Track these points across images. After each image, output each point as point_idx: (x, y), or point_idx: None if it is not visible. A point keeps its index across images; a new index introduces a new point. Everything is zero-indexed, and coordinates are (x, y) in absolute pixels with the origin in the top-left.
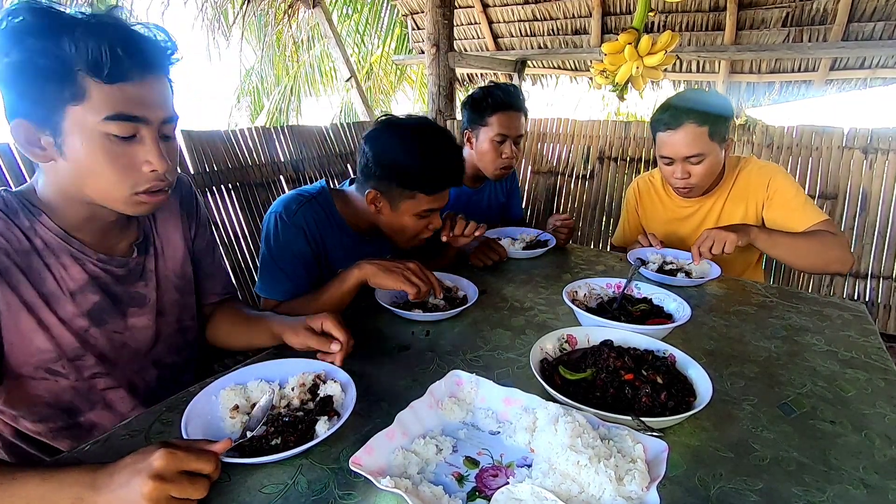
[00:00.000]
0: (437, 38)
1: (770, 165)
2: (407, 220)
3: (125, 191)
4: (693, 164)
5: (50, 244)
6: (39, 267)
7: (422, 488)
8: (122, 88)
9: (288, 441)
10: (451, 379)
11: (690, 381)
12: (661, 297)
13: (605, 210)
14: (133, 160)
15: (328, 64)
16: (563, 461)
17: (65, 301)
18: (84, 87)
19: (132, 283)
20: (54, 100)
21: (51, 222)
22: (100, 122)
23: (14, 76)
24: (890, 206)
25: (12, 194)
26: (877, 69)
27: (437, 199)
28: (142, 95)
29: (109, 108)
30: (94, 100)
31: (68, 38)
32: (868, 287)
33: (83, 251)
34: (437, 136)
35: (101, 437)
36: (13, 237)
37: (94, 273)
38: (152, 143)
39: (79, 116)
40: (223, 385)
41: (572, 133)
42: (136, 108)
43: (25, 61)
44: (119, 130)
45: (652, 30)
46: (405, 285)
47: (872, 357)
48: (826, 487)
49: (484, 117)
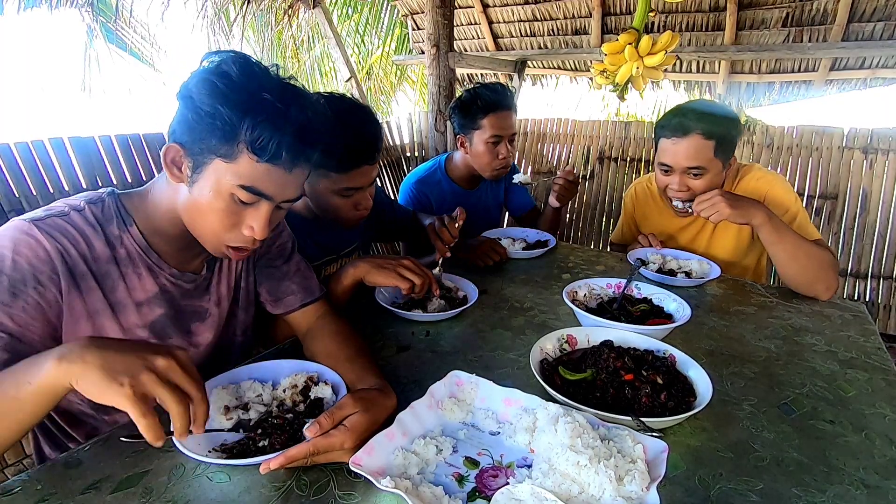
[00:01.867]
0: (437, 38)
1: (771, 175)
2: (329, 199)
3: (219, 240)
4: (692, 178)
5: (131, 254)
6: (115, 275)
7: (422, 489)
8: (269, 169)
9: (275, 444)
10: (451, 379)
11: (690, 381)
12: (661, 298)
13: (605, 210)
14: (240, 221)
15: (328, 64)
16: (563, 461)
17: (130, 310)
18: (238, 154)
19: (198, 297)
20: (210, 148)
21: (138, 233)
22: (234, 185)
23: (190, 114)
24: (890, 206)
25: (116, 198)
26: (877, 69)
27: (354, 178)
28: (281, 180)
29: (248, 179)
30: (240, 167)
31: (249, 121)
32: (868, 287)
33: (159, 264)
34: (345, 112)
35: (102, 436)
36: (98, 245)
37: (164, 286)
38: (264, 215)
39: (220, 170)
40: (216, 384)
41: (572, 133)
42: (270, 188)
43: (205, 113)
44: (245, 198)
45: (652, 30)
46: (398, 281)
47: (872, 357)
48: (826, 487)
49: (476, 120)
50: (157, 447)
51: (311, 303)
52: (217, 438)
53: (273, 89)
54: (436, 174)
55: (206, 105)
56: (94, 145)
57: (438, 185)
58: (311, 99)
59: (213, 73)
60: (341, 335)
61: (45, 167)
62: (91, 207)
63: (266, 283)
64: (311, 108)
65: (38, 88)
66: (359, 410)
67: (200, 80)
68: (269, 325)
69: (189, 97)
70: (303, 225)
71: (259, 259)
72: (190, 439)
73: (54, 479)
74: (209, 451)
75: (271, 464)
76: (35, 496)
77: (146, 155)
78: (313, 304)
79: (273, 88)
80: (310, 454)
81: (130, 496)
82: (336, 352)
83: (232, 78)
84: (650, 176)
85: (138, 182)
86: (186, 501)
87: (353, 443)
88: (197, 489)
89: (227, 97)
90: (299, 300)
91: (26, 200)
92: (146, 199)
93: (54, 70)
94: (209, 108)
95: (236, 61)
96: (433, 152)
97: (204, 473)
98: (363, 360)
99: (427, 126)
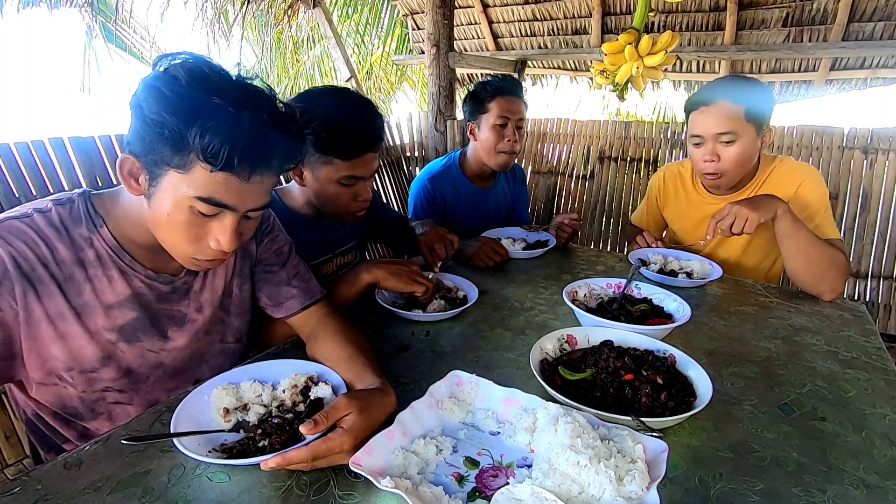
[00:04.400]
0: (437, 38)
1: (806, 167)
2: (330, 189)
3: (186, 254)
4: (724, 145)
5: (101, 256)
6: (81, 278)
7: (422, 489)
8: (226, 178)
9: (274, 443)
10: (451, 379)
11: (690, 381)
12: (662, 298)
13: (605, 210)
14: (205, 234)
15: (328, 64)
16: (563, 461)
17: (97, 313)
18: (191, 164)
19: (175, 301)
20: (163, 158)
21: (108, 234)
22: (191, 197)
23: (140, 124)
24: (890, 206)
25: (86, 199)
26: (877, 69)
27: (357, 166)
28: (241, 188)
29: (205, 190)
30: (195, 178)
31: (198, 128)
32: (868, 287)
33: (133, 266)
34: (351, 101)
35: (102, 436)
36: (60, 248)
37: (138, 289)
38: (229, 227)
39: (175, 182)
40: (216, 384)
41: (572, 133)
42: (230, 198)
43: (153, 122)
44: (205, 210)
45: (652, 30)
46: (414, 286)
47: (872, 357)
48: (826, 487)
49: (484, 104)
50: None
51: (313, 305)
52: (217, 438)
53: (226, 91)
54: (450, 170)
55: (154, 113)
56: (94, 145)
57: (453, 181)
58: (270, 100)
59: (159, 80)
60: (342, 335)
61: (45, 167)
62: (58, 209)
63: (265, 288)
64: (268, 109)
65: (37, 88)
66: (353, 411)
67: (147, 86)
68: (267, 327)
69: (138, 106)
70: (302, 222)
71: (256, 265)
72: (190, 439)
73: (54, 480)
74: (209, 451)
75: (269, 462)
76: (35, 496)
77: None
78: (314, 306)
79: (226, 91)
80: (309, 459)
81: (130, 496)
82: (337, 351)
83: (180, 82)
84: (682, 161)
85: None
86: (186, 501)
87: (351, 444)
88: (197, 489)
89: (173, 104)
90: (300, 303)
91: (26, 200)
92: (117, 201)
93: (54, 70)
94: (156, 117)
95: (186, 65)
96: (433, 152)
97: (204, 473)
98: (363, 360)
99: (427, 126)
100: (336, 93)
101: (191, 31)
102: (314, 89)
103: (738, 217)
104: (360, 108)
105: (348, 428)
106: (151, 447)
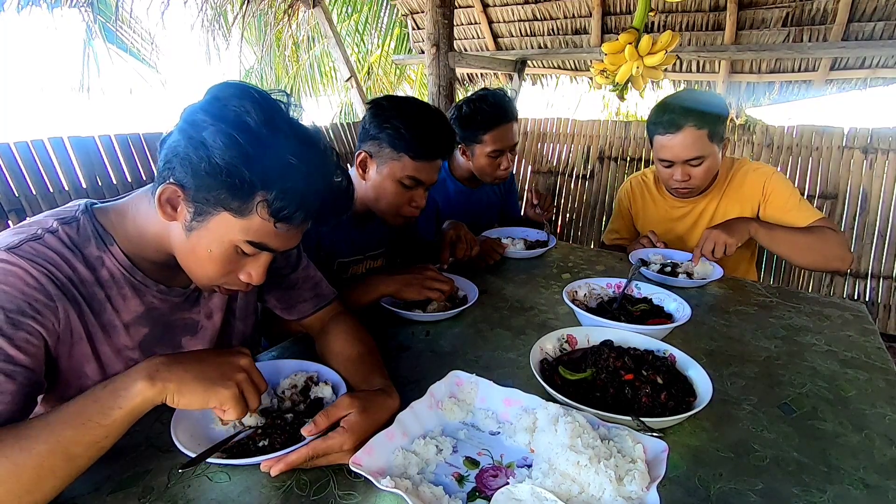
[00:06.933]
0: (437, 37)
1: (764, 167)
2: (390, 186)
3: (212, 282)
4: (693, 167)
5: (115, 275)
6: (101, 298)
7: (422, 489)
8: (279, 231)
9: (275, 443)
10: (451, 379)
11: (690, 381)
12: (662, 297)
13: (605, 210)
14: (238, 268)
15: (328, 64)
16: (563, 461)
17: (120, 332)
18: (250, 212)
19: (187, 310)
20: (219, 201)
21: (120, 253)
22: (241, 241)
23: (202, 163)
24: (890, 206)
25: (91, 216)
26: (877, 69)
27: (423, 170)
28: (289, 237)
29: (257, 236)
30: (251, 225)
31: (276, 190)
32: (868, 287)
33: (145, 283)
34: (434, 110)
35: None
36: (79, 267)
37: (150, 304)
38: (264, 264)
39: (228, 223)
40: None
41: (572, 133)
42: (278, 244)
43: (222, 168)
44: (250, 251)
45: (652, 30)
46: (430, 294)
47: (872, 357)
48: (826, 487)
49: (477, 135)
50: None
51: (325, 306)
52: (216, 438)
53: (299, 152)
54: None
55: (224, 160)
56: (94, 145)
57: (443, 183)
58: (329, 156)
59: (229, 124)
60: (353, 335)
61: (45, 167)
62: (65, 228)
63: (275, 292)
64: (334, 168)
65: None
66: (355, 411)
67: (218, 131)
68: (277, 325)
69: (202, 144)
70: (349, 219)
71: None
72: (190, 440)
73: None
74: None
75: (272, 471)
76: None
77: (146, 155)
78: (326, 307)
79: (299, 151)
80: (309, 458)
81: (130, 496)
82: (345, 352)
83: (251, 129)
84: (644, 171)
85: (138, 182)
86: (186, 501)
87: (352, 444)
88: (197, 489)
89: (248, 157)
90: (313, 306)
91: (26, 200)
92: (126, 217)
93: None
94: (227, 165)
95: (257, 108)
96: None
97: (204, 473)
98: (371, 361)
99: None
100: (420, 101)
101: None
102: (397, 95)
103: (716, 243)
104: (440, 117)
105: (349, 427)
106: (151, 447)
